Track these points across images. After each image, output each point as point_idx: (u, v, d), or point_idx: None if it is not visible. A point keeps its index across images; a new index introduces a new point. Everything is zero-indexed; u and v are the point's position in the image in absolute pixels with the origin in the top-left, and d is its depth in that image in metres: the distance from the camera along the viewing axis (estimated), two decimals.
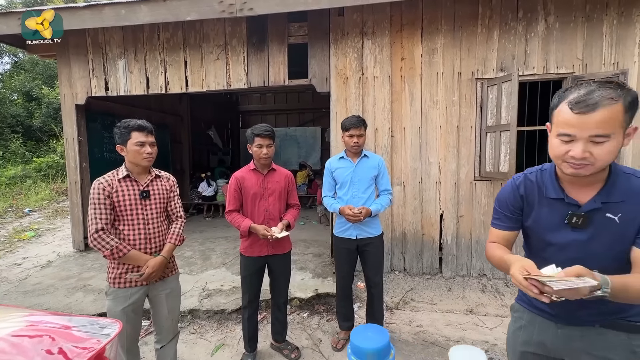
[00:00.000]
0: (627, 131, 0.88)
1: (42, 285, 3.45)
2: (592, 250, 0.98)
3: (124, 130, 1.71)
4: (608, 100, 0.83)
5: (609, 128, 0.84)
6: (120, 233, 1.72)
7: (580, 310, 1.03)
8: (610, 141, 0.85)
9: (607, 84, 0.87)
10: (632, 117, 0.87)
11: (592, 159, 0.87)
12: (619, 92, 0.85)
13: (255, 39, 3.81)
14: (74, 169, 4.43)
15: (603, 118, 0.83)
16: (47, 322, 0.64)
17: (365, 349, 0.64)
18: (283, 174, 2.29)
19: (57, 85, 12.07)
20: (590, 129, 0.85)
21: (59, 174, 10.08)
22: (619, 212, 0.94)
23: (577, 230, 0.99)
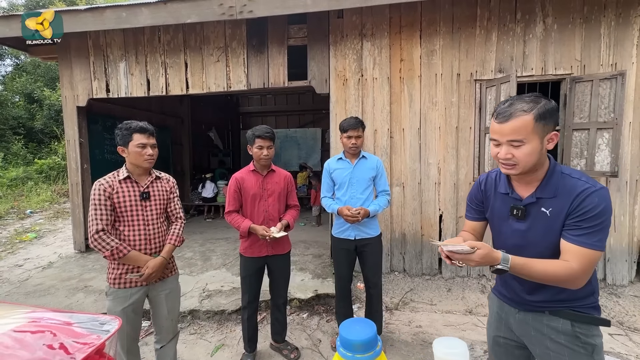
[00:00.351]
0: (549, 136, 1.04)
1: (43, 286, 3.46)
2: (530, 239, 1.13)
3: (126, 131, 1.73)
4: (520, 112, 1.02)
5: (520, 134, 1.02)
6: (120, 234, 1.73)
7: (530, 296, 1.17)
8: (525, 145, 1.02)
9: (526, 98, 1.04)
10: (546, 125, 1.02)
11: (515, 159, 1.05)
12: (532, 105, 1.02)
13: (255, 41, 3.83)
14: (75, 171, 4.45)
15: (515, 126, 1.02)
16: (49, 319, 0.65)
17: (353, 340, 0.66)
18: (282, 175, 2.30)
19: (58, 87, 12.13)
20: (507, 135, 1.04)
21: (60, 175, 10.12)
22: (550, 207, 1.08)
23: (519, 221, 1.15)
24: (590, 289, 1.10)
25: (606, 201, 1.02)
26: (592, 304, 1.11)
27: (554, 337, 1.12)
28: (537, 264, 1.04)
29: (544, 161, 1.09)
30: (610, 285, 3.28)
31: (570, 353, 1.09)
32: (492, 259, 1.03)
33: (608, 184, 3.27)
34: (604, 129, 3.07)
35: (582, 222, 1.02)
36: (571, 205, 1.04)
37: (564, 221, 1.05)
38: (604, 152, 3.08)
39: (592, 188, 1.02)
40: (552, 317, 1.13)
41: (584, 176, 1.07)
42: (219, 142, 9.70)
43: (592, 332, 1.09)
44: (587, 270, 1.02)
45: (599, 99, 3.08)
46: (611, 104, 3.03)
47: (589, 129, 3.14)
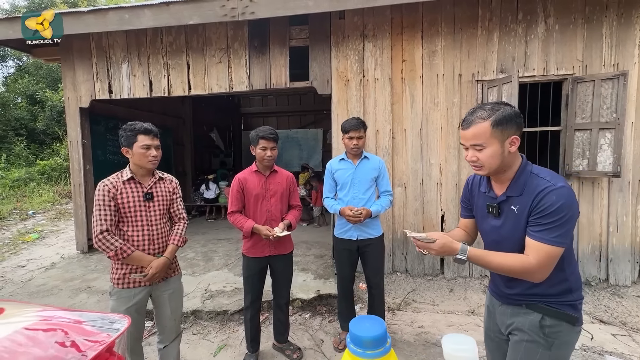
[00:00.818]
0: (510, 140, 1.12)
1: (47, 286, 3.48)
2: (503, 235, 1.21)
3: (130, 133, 1.74)
4: (479, 119, 1.13)
5: (480, 139, 1.12)
6: (124, 234, 1.74)
7: (507, 289, 1.24)
8: (486, 149, 1.13)
9: (488, 106, 1.14)
10: (505, 130, 1.11)
11: (480, 162, 1.15)
12: (490, 112, 1.12)
13: (257, 42, 3.85)
14: (78, 172, 4.47)
15: (475, 132, 1.13)
16: (60, 317, 0.66)
17: (363, 337, 0.67)
18: (285, 176, 2.31)
19: (60, 88, 12.19)
20: (469, 140, 1.15)
21: (62, 176, 10.16)
22: (518, 205, 1.15)
23: (495, 218, 1.24)
24: (566, 286, 1.14)
25: (564, 199, 1.06)
26: (567, 301, 1.15)
27: (521, 326, 1.19)
28: (494, 256, 1.15)
29: (512, 162, 1.17)
30: (613, 286, 3.27)
31: (528, 339, 1.16)
32: (450, 249, 1.16)
33: (610, 184, 3.26)
34: (606, 129, 3.07)
35: (541, 219, 1.08)
36: (532, 202, 1.10)
37: (528, 218, 1.12)
38: (606, 152, 3.08)
39: (551, 187, 1.08)
40: (528, 310, 1.19)
41: (551, 175, 1.13)
42: (221, 143, 9.72)
43: (559, 328, 1.14)
44: (545, 264, 1.07)
45: (600, 99, 3.08)
46: (613, 104, 3.02)
47: (591, 129, 3.14)
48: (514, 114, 1.12)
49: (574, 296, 1.15)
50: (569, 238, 1.09)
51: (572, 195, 1.08)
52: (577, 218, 1.10)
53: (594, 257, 3.33)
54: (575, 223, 1.10)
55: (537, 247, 1.08)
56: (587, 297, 3.18)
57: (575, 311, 1.15)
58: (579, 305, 1.16)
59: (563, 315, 1.14)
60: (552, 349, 1.14)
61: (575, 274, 1.17)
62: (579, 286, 1.18)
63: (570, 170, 3.27)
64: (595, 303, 3.10)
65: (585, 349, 2.44)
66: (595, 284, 3.30)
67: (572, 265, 1.17)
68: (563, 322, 1.13)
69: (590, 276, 3.33)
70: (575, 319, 1.14)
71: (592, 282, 3.31)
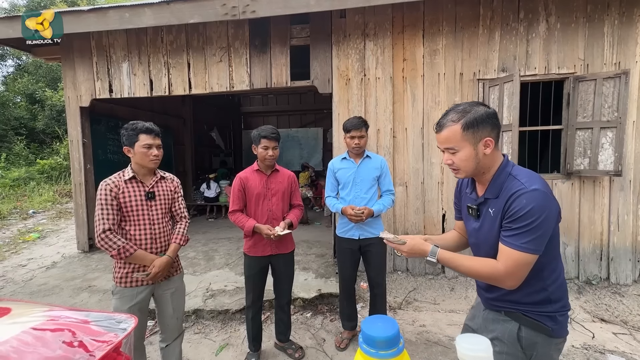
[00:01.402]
0: (484, 142, 1.07)
1: (48, 286, 3.48)
2: (481, 237, 1.17)
3: (132, 132, 1.74)
4: (450, 122, 1.09)
5: (451, 143, 1.09)
6: (126, 233, 1.74)
7: (487, 293, 1.21)
8: (459, 152, 1.09)
9: (460, 108, 1.10)
10: (477, 132, 1.06)
11: (455, 165, 1.12)
12: (460, 115, 1.08)
13: (258, 41, 3.84)
14: (79, 171, 4.47)
15: (445, 136, 1.10)
16: (67, 317, 0.66)
17: (376, 337, 0.66)
18: (286, 175, 2.31)
19: (60, 87, 12.18)
20: (442, 144, 1.13)
21: (63, 175, 10.16)
22: (493, 207, 1.11)
23: (475, 220, 1.20)
24: (543, 296, 1.08)
25: (535, 202, 0.99)
26: (546, 312, 1.08)
27: (500, 336, 1.15)
28: (463, 260, 1.12)
29: (491, 163, 1.12)
30: (614, 285, 3.28)
31: (508, 353, 1.12)
32: (421, 251, 1.17)
33: (612, 183, 3.26)
34: (608, 128, 3.07)
35: (512, 223, 1.03)
36: (504, 205, 1.06)
37: (502, 222, 1.07)
38: (608, 151, 3.08)
39: (523, 190, 1.02)
40: (507, 318, 1.15)
41: (527, 177, 1.06)
42: (221, 142, 9.72)
43: (535, 339, 1.08)
44: (513, 272, 1.02)
45: (602, 98, 3.08)
46: (615, 103, 3.02)
47: (593, 128, 3.14)
48: (486, 114, 1.07)
49: (554, 307, 1.08)
50: (542, 245, 1.01)
51: (545, 199, 1.00)
52: (554, 223, 1.02)
53: (595, 256, 3.33)
54: (550, 228, 1.01)
55: (506, 253, 1.03)
56: (587, 295, 3.19)
57: (553, 323, 1.08)
58: (560, 317, 1.08)
59: (539, 326, 1.08)
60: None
61: (557, 283, 1.09)
62: (560, 297, 1.09)
63: (572, 169, 3.27)
64: (596, 302, 3.10)
65: (586, 347, 2.44)
66: (596, 282, 3.30)
67: (554, 274, 1.09)
68: (540, 334, 1.08)
69: (591, 275, 3.33)
70: (550, 330, 1.07)
71: (593, 280, 3.31)
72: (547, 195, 1.01)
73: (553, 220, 1.02)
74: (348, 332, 2.53)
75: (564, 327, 1.10)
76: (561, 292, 1.10)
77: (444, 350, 2.42)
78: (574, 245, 3.36)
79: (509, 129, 3.09)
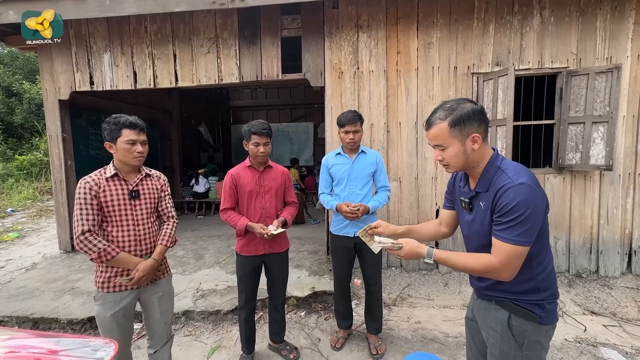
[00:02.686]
0: (471, 138, 1.11)
1: (27, 288, 3.31)
2: (473, 229, 1.21)
3: (114, 126, 1.61)
4: (437, 120, 1.13)
5: (439, 140, 1.14)
6: (108, 235, 1.63)
7: (479, 282, 1.25)
8: (448, 148, 1.14)
9: (447, 105, 1.13)
10: (463, 128, 1.10)
11: (445, 161, 1.17)
12: (447, 113, 1.12)
13: (248, 32, 3.69)
14: (59, 167, 4.25)
15: (434, 134, 1.15)
16: (31, 347, 0.56)
17: None
18: (279, 171, 2.22)
19: (38, 80, 11.63)
20: (431, 141, 1.18)
21: (43, 172, 9.75)
22: (484, 201, 1.14)
23: (468, 213, 1.23)
24: (532, 285, 1.12)
25: (522, 196, 1.02)
26: (534, 300, 1.12)
27: (494, 325, 1.20)
28: (459, 258, 1.16)
29: (480, 158, 1.15)
30: (603, 277, 3.33)
31: (501, 342, 1.17)
32: (417, 254, 1.20)
33: (602, 178, 3.30)
34: (599, 122, 3.08)
35: (501, 217, 1.06)
36: (493, 200, 1.09)
37: (492, 215, 1.11)
38: (599, 145, 3.10)
39: (510, 184, 1.05)
40: (497, 306, 1.20)
41: (515, 171, 1.09)
42: (209, 137, 9.50)
43: (525, 327, 1.13)
44: (508, 264, 1.06)
45: (594, 93, 3.08)
46: (607, 98, 3.03)
47: (585, 123, 3.15)
48: (473, 111, 1.10)
49: (542, 295, 1.12)
50: (532, 236, 1.05)
51: (531, 192, 1.03)
52: (542, 215, 1.06)
53: (585, 250, 3.38)
54: (539, 220, 1.05)
55: (499, 246, 1.07)
56: (578, 289, 3.23)
57: (541, 310, 1.12)
58: (548, 305, 1.13)
59: (528, 314, 1.12)
60: (523, 349, 1.13)
61: (546, 273, 1.13)
62: (548, 286, 1.13)
63: (564, 164, 3.28)
64: (586, 295, 3.15)
65: (579, 341, 2.47)
66: (586, 275, 3.35)
67: (543, 264, 1.13)
68: (529, 322, 1.12)
69: (581, 268, 3.38)
70: (538, 318, 1.11)
71: (583, 274, 3.36)
72: (534, 188, 1.04)
73: (541, 212, 1.05)
74: (344, 331, 2.48)
75: (552, 315, 1.14)
76: (549, 281, 1.14)
77: (441, 347, 2.40)
78: (565, 239, 3.39)
79: (503, 123, 3.07)
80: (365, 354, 2.34)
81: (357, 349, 2.40)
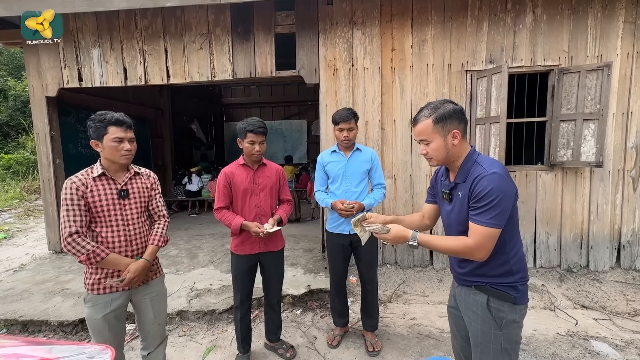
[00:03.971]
0: (451, 134, 1.24)
1: (16, 290, 3.22)
2: (453, 218, 1.32)
3: (100, 124, 1.56)
4: (423, 117, 1.27)
5: (424, 135, 1.27)
6: (97, 236, 1.58)
7: (459, 269, 1.35)
8: (431, 143, 1.27)
9: (432, 104, 1.27)
10: (445, 125, 1.24)
11: (429, 155, 1.29)
12: (431, 111, 1.26)
13: (241, 28, 3.64)
14: (47, 166, 4.15)
15: (420, 129, 1.29)
16: (22, 356, 0.52)
17: None
18: (274, 169, 2.20)
19: (24, 76, 11.34)
20: (417, 136, 1.31)
21: (30, 171, 9.53)
22: (462, 190, 1.26)
23: (449, 203, 1.35)
24: (507, 268, 1.24)
25: (494, 183, 1.15)
26: (509, 283, 1.24)
27: (474, 309, 1.30)
28: (439, 240, 1.27)
29: (459, 153, 1.28)
30: (593, 272, 3.40)
31: (482, 323, 1.27)
32: (403, 237, 1.30)
33: (592, 174, 3.35)
34: (590, 120, 3.12)
35: (476, 203, 1.19)
36: (470, 188, 1.22)
37: (469, 203, 1.22)
38: (590, 142, 3.14)
39: (484, 173, 1.18)
40: (477, 291, 1.30)
41: (488, 163, 1.22)
42: (202, 135, 9.38)
43: (503, 308, 1.24)
44: (482, 244, 1.17)
45: (585, 90, 3.12)
46: (597, 95, 3.07)
47: (576, 120, 3.19)
48: (454, 110, 1.24)
49: (515, 278, 1.24)
50: (503, 220, 1.17)
51: (502, 180, 1.16)
52: (512, 201, 1.18)
53: (575, 245, 3.43)
54: (509, 206, 1.17)
55: (475, 229, 1.19)
56: (569, 283, 3.29)
57: (515, 292, 1.23)
58: (521, 287, 1.24)
59: (504, 295, 1.23)
60: (502, 328, 1.24)
61: (517, 257, 1.25)
62: (520, 269, 1.25)
63: (555, 161, 3.32)
64: (576, 289, 3.21)
65: (571, 334, 2.51)
66: (576, 270, 3.41)
67: (514, 249, 1.25)
68: (505, 303, 1.23)
69: (572, 263, 3.44)
70: (514, 299, 1.22)
71: (574, 268, 3.42)
72: (505, 177, 1.18)
73: (511, 198, 1.18)
74: (340, 329, 2.48)
75: (524, 296, 1.26)
76: (521, 264, 1.26)
77: (436, 343, 2.42)
78: (556, 234, 3.44)
79: (497, 120, 3.09)
80: (361, 352, 2.34)
81: (353, 346, 2.40)
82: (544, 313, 2.84)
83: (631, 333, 2.53)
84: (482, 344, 1.28)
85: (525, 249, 3.50)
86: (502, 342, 1.24)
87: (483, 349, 1.27)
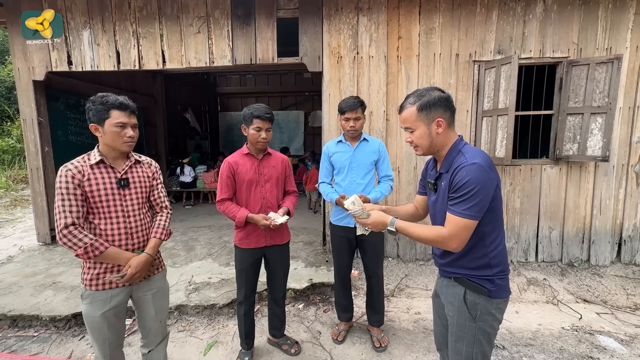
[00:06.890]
0: (436, 122, 1.23)
1: (4, 283, 3.08)
2: (437, 208, 1.32)
3: (101, 107, 1.43)
4: (408, 105, 1.26)
5: (408, 122, 1.27)
6: (95, 228, 1.47)
7: (440, 259, 1.36)
8: (415, 131, 1.26)
9: (418, 92, 1.26)
10: (429, 113, 1.22)
11: (414, 142, 1.29)
12: (416, 99, 1.24)
13: (241, 12, 3.47)
14: (35, 154, 3.96)
15: (404, 117, 1.28)
16: None
17: None
18: (279, 159, 2.10)
19: (8, 61, 10.87)
20: (402, 123, 1.31)
21: (17, 159, 9.20)
22: (445, 180, 1.26)
23: (434, 193, 1.35)
24: (484, 261, 1.23)
25: (472, 175, 1.13)
26: (486, 276, 1.24)
27: (452, 300, 1.32)
28: (415, 227, 1.27)
29: (445, 142, 1.26)
30: (594, 266, 3.41)
31: (458, 315, 1.29)
32: (382, 223, 1.32)
33: (597, 169, 3.33)
34: (598, 113, 3.08)
35: (454, 193, 1.18)
36: (450, 178, 1.21)
37: (448, 193, 1.22)
38: (597, 136, 3.11)
39: (464, 163, 1.16)
40: (455, 283, 1.31)
41: (471, 153, 1.20)
42: (196, 124, 9.15)
43: (478, 301, 1.24)
44: (456, 234, 1.17)
45: (594, 83, 3.07)
46: (606, 89, 3.03)
47: (583, 114, 3.14)
48: (439, 98, 1.22)
49: (493, 271, 1.23)
50: (479, 212, 1.15)
51: (482, 171, 1.14)
52: (491, 193, 1.15)
53: (577, 239, 3.43)
54: (488, 197, 1.15)
55: (450, 219, 1.18)
56: (570, 277, 3.29)
57: (492, 285, 1.23)
58: (498, 280, 1.23)
59: (480, 289, 1.24)
60: (477, 320, 1.25)
61: (497, 251, 1.24)
62: (499, 263, 1.24)
63: (561, 155, 3.29)
64: (578, 283, 3.21)
65: (575, 329, 2.50)
66: (577, 264, 3.41)
67: (495, 242, 1.24)
68: (481, 296, 1.23)
69: (573, 257, 3.44)
70: (487, 292, 1.22)
71: (575, 263, 3.42)
72: (485, 168, 1.14)
73: (490, 190, 1.15)
74: (345, 324, 2.43)
75: (502, 290, 1.25)
76: (500, 258, 1.25)
77: None
78: (559, 229, 3.43)
79: (505, 112, 3.02)
80: (368, 347, 2.29)
81: (359, 341, 2.36)
82: (548, 307, 2.84)
83: (634, 327, 2.53)
84: (456, 333, 1.30)
85: (528, 243, 3.48)
86: (476, 334, 1.25)
87: (457, 337, 1.30)
